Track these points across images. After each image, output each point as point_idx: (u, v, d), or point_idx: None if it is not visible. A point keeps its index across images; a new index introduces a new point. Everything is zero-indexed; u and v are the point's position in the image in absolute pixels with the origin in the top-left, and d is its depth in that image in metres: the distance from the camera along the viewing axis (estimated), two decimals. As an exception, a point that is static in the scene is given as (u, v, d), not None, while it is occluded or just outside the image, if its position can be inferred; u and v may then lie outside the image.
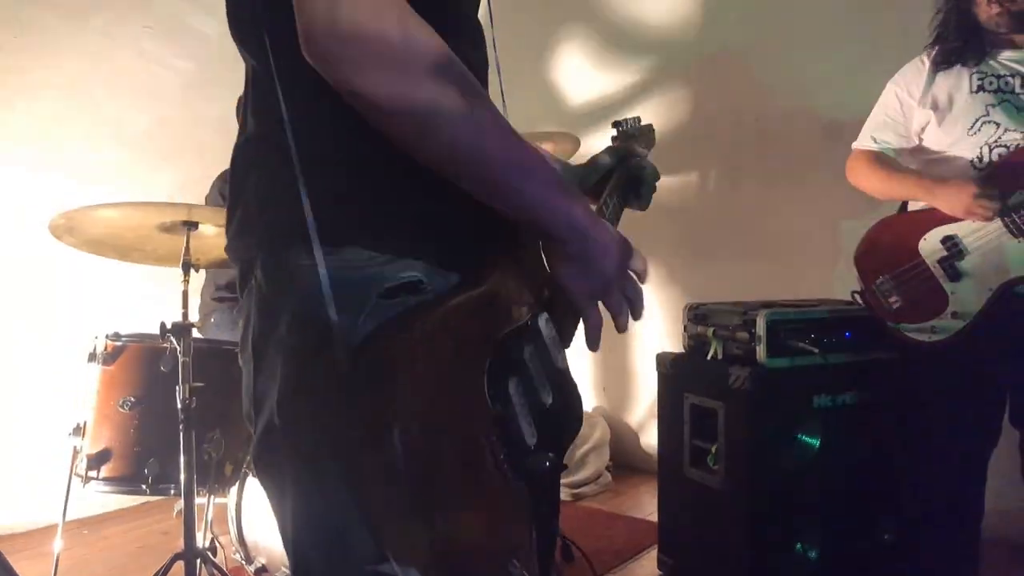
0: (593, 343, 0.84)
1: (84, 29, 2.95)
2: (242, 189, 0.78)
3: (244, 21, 0.79)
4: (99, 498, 2.94)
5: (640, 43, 3.54)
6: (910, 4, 2.12)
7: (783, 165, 3.07)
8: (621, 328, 0.84)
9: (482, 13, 0.92)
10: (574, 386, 0.89)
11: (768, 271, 3.06)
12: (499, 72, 1.04)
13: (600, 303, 0.82)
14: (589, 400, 3.73)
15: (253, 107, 0.79)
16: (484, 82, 0.87)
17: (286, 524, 0.73)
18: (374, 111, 0.65)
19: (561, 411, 0.84)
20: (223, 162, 2.73)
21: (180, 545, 1.89)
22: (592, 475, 3.22)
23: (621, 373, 3.61)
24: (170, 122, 3.21)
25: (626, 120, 1.19)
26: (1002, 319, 1.84)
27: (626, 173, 1.07)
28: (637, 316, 0.86)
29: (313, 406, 0.67)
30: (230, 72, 3.39)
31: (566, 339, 0.87)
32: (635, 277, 0.85)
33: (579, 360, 3.65)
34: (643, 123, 1.21)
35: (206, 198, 2.78)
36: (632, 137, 1.17)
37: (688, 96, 3.40)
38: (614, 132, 1.19)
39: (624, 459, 3.46)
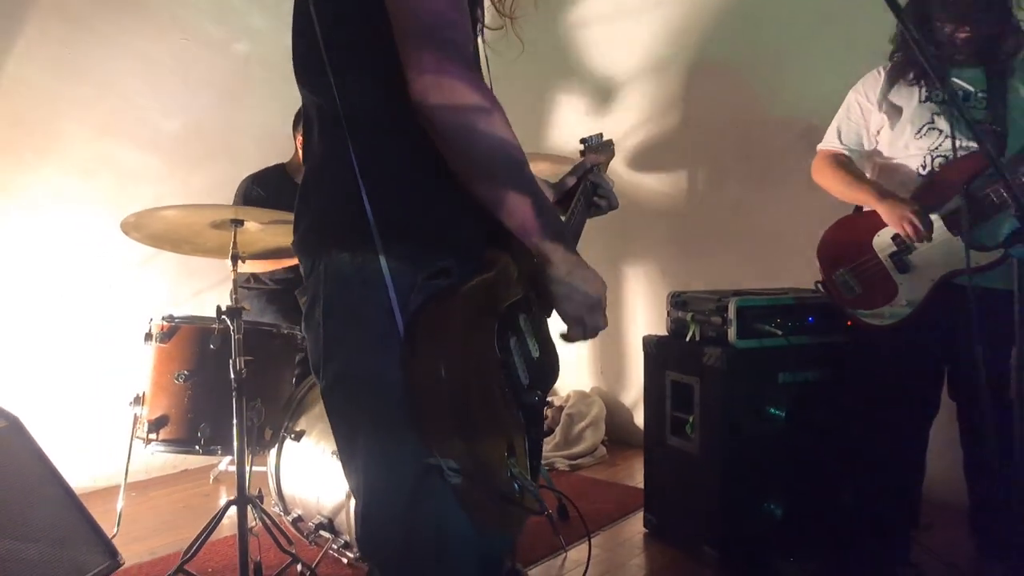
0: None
1: (127, 44, 3.21)
2: (311, 200, 1.02)
3: (312, 72, 1.01)
4: (142, 465, 3.27)
5: (635, 57, 3.78)
6: (879, 24, 2.33)
7: (763, 168, 3.30)
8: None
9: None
10: (553, 345, 1.15)
11: (749, 263, 3.31)
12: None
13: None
14: (587, 381, 4.01)
15: (319, 137, 1.02)
16: None
17: (355, 437, 0.98)
18: (451, 150, 0.93)
19: (545, 362, 1.12)
20: (252, 165, 3.06)
21: (219, 505, 2.16)
22: (589, 448, 3.49)
23: (617, 356, 3.88)
24: (205, 129, 3.47)
25: (591, 137, 1.47)
26: (942, 306, 2.05)
27: (589, 183, 1.35)
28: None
29: (381, 355, 0.93)
30: (258, 84, 3.74)
31: (547, 310, 1.14)
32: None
33: (579, 345, 3.95)
34: (604, 139, 1.49)
35: (234, 199, 3.06)
36: (596, 150, 1.45)
37: (679, 104, 3.64)
38: (581, 147, 1.47)
39: (619, 434, 3.72)
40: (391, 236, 0.94)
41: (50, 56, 3.00)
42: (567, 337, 1.08)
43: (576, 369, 4.03)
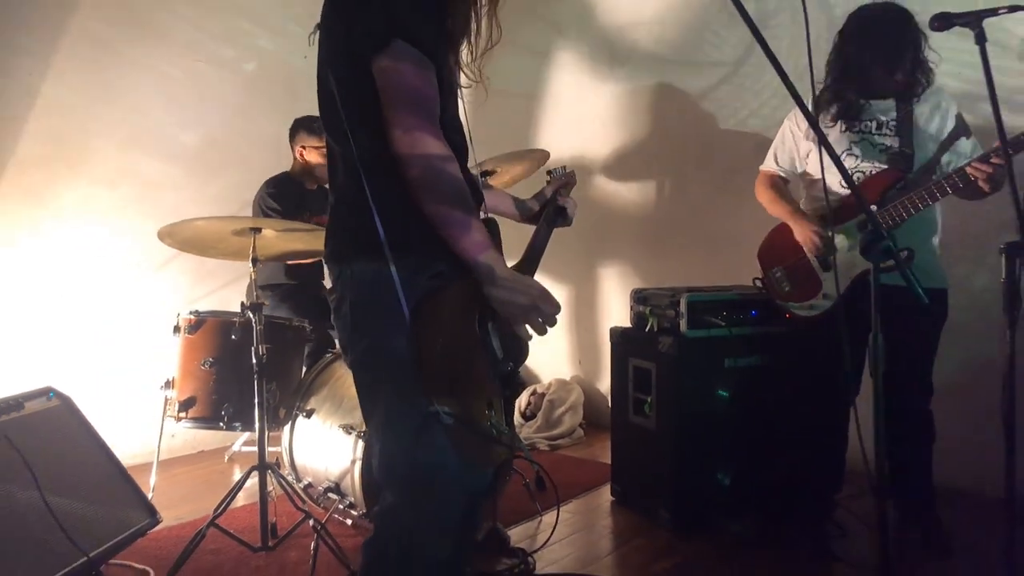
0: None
1: (149, 66, 3.54)
2: (338, 222, 1.35)
3: (334, 128, 1.33)
4: (164, 446, 3.55)
5: (609, 77, 4.15)
6: (819, 55, 2.65)
7: (721, 176, 3.65)
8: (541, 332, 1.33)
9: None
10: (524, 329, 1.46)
11: (709, 261, 3.66)
12: (471, 142, 1.63)
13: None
14: (567, 370, 4.37)
15: (343, 176, 1.33)
16: (466, 153, 1.44)
17: (376, 396, 1.30)
18: (418, 186, 1.24)
19: (515, 342, 1.41)
20: (261, 172, 3.48)
21: (234, 481, 2.51)
22: (567, 430, 3.84)
23: (594, 348, 4.23)
24: (218, 141, 3.79)
25: (556, 168, 1.81)
26: (858, 299, 2.41)
27: (552, 210, 1.69)
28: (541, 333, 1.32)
29: (393, 336, 1.24)
30: (265, 99, 4.10)
31: None
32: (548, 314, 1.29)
33: (560, 338, 4.33)
34: (568, 170, 1.83)
35: (253, 204, 3.41)
36: (560, 179, 1.78)
37: (649, 120, 4.01)
38: (548, 177, 1.80)
39: (595, 419, 4.06)
40: (398, 249, 1.25)
41: (81, 78, 3.32)
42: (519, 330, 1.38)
43: (557, 359, 4.40)
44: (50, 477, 2.06)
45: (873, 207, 2.40)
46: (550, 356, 4.38)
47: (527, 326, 1.33)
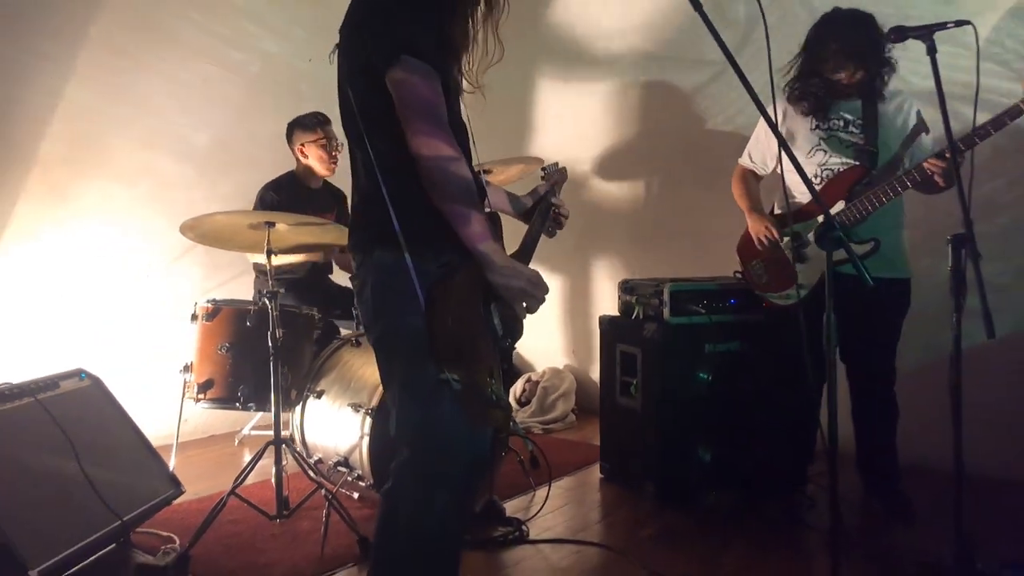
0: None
1: (163, 70, 3.71)
2: (360, 218, 1.54)
3: (353, 133, 1.51)
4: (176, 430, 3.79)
5: (601, 79, 4.36)
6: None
7: (708, 173, 3.80)
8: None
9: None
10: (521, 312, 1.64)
11: (696, 254, 3.85)
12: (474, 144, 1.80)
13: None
14: (560, 359, 4.57)
15: (364, 178, 1.52)
16: (469, 150, 1.61)
17: (395, 368, 1.50)
18: (429, 184, 1.43)
19: (514, 322, 1.62)
20: (269, 171, 3.71)
21: (245, 462, 2.70)
22: (560, 415, 4.05)
23: (586, 337, 4.43)
24: (228, 141, 3.97)
25: (550, 165, 1.99)
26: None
27: (546, 206, 1.87)
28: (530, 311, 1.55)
29: (409, 315, 1.43)
30: (271, 100, 4.29)
31: None
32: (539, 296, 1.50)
33: (553, 328, 4.54)
34: (560, 166, 2.00)
35: (255, 204, 3.57)
36: (552, 176, 1.96)
37: (638, 120, 4.22)
38: (542, 173, 1.98)
39: (587, 405, 4.22)
40: (412, 240, 1.44)
41: (100, 82, 3.50)
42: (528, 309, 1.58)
43: (551, 348, 4.61)
44: (86, 449, 2.25)
45: (841, 202, 2.61)
46: (544, 345, 4.58)
47: (523, 305, 1.54)
